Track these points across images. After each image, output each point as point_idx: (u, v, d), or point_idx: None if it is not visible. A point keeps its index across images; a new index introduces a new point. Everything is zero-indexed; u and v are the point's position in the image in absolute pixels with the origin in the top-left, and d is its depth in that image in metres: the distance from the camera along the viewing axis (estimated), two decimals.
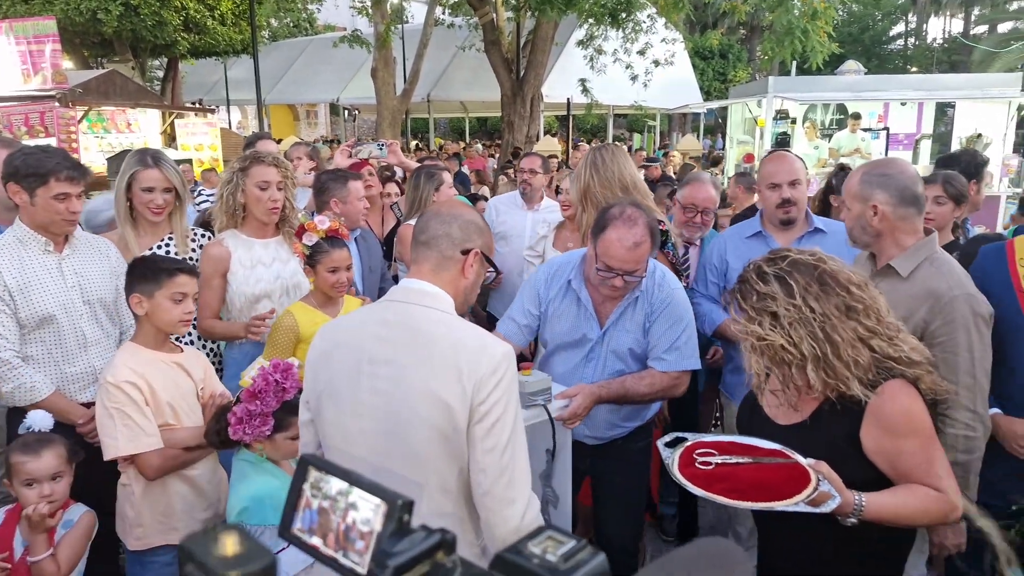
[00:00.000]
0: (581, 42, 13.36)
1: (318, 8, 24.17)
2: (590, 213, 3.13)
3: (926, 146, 10.83)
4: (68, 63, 14.34)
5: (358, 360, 1.62)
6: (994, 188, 8.41)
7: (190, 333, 2.93)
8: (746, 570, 0.71)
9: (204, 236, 3.13)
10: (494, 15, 11.73)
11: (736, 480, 1.71)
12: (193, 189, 7.88)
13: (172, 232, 3.00)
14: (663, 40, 13.84)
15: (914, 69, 34.59)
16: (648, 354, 2.52)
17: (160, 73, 20.07)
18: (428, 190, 3.92)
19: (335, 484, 0.67)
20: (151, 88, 16.76)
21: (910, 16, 39.25)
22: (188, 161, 10.47)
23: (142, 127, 12.10)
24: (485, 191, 9.27)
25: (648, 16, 12.74)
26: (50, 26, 10.98)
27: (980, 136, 9.93)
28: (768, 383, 1.82)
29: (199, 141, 11.89)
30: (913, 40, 39.69)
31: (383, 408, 1.58)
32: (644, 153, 15.18)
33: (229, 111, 22.17)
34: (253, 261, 2.94)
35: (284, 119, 24.37)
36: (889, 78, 13.79)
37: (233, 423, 2.11)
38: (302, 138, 17.15)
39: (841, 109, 11.48)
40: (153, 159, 2.91)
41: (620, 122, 27.91)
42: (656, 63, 13.45)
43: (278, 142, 10.15)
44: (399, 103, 13.34)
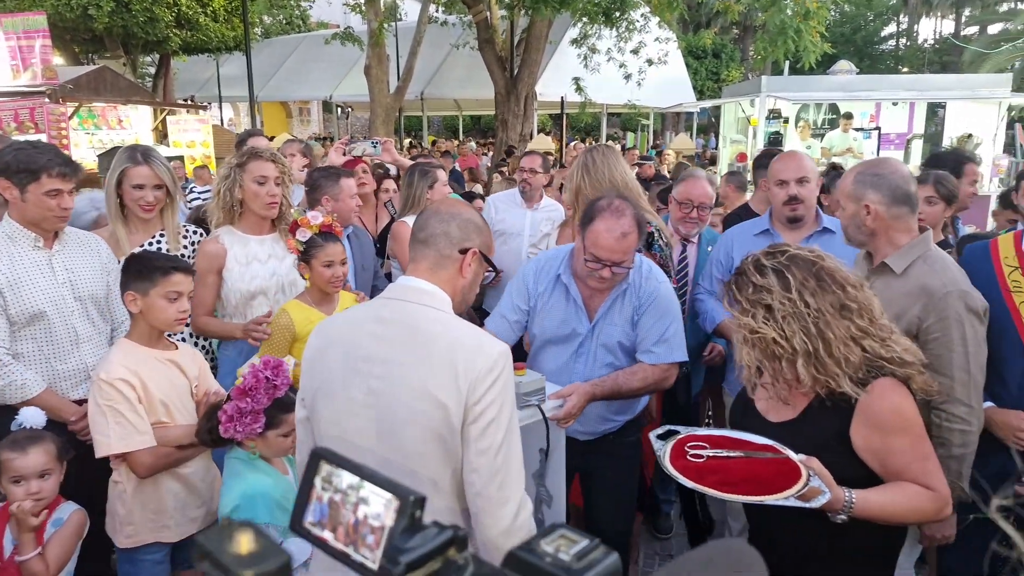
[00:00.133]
0: (575, 41, 13.34)
1: (311, 5, 24.13)
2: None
3: (917, 146, 10.89)
4: (59, 59, 14.23)
5: (354, 358, 1.61)
6: (984, 188, 8.47)
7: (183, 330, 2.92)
8: (761, 572, 0.71)
9: (196, 233, 3.11)
10: (488, 13, 11.69)
11: (727, 473, 1.72)
12: (185, 187, 7.82)
13: (164, 229, 2.98)
14: (656, 39, 13.84)
15: (905, 69, 34.77)
16: (637, 347, 2.52)
17: (152, 70, 19.94)
18: (422, 187, 3.91)
19: (346, 478, 0.67)
20: (143, 85, 16.63)
21: (902, 17, 39.43)
22: (180, 158, 10.38)
23: (133, 123, 11.99)
24: (479, 189, 9.28)
25: (642, 15, 12.74)
26: (40, 21, 10.87)
27: (971, 136, 10.00)
28: (759, 377, 1.82)
29: (191, 138, 11.79)
30: (904, 40, 39.88)
31: (378, 406, 1.57)
32: (638, 152, 15.19)
33: (221, 108, 22.05)
34: (249, 258, 2.93)
35: (277, 116, 24.24)
36: (881, 78, 13.85)
37: (224, 421, 2.10)
38: (295, 135, 17.11)
39: (833, 109, 11.55)
40: (143, 156, 2.89)
41: (614, 121, 27.93)
42: (650, 62, 13.45)
43: (271, 139, 10.13)
44: (392, 101, 13.30)
